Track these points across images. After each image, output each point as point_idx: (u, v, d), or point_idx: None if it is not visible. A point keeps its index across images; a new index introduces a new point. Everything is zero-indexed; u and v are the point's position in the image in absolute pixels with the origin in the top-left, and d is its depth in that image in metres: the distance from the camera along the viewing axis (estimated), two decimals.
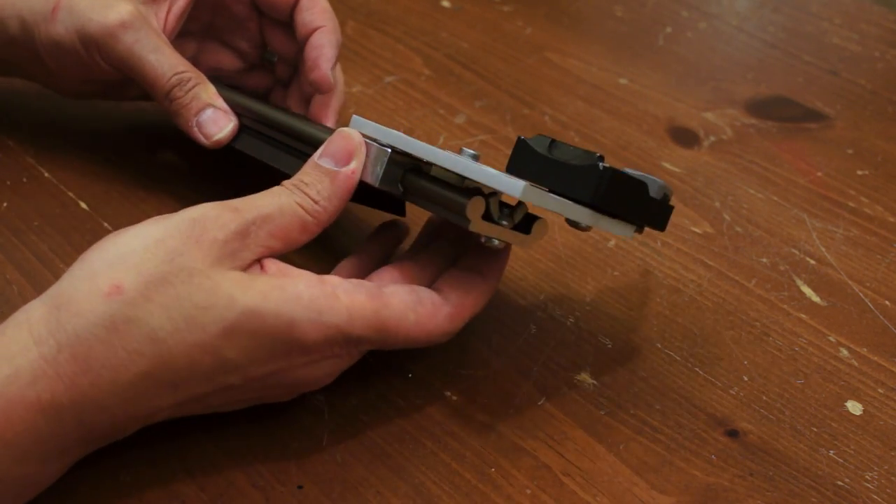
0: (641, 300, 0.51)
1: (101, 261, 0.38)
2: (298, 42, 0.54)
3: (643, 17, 0.81)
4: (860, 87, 0.73)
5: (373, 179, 0.43)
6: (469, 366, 0.47)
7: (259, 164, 0.51)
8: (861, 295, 0.53)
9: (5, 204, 0.54)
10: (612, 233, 0.44)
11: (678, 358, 0.48)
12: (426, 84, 0.69)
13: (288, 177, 0.46)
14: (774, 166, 0.63)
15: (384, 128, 0.44)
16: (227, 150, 0.52)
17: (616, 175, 0.41)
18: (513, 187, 0.39)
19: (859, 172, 0.63)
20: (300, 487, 0.40)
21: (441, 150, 0.42)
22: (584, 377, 0.46)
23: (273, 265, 0.40)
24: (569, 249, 0.54)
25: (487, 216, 0.41)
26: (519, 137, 0.43)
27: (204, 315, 0.37)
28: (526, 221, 0.43)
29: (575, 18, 0.80)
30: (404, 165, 0.43)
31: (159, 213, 0.54)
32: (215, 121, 0.51)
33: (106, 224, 0.53)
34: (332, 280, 0.40)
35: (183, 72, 0.51)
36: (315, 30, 0.53)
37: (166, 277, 0.37)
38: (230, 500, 0.40)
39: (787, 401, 0.46)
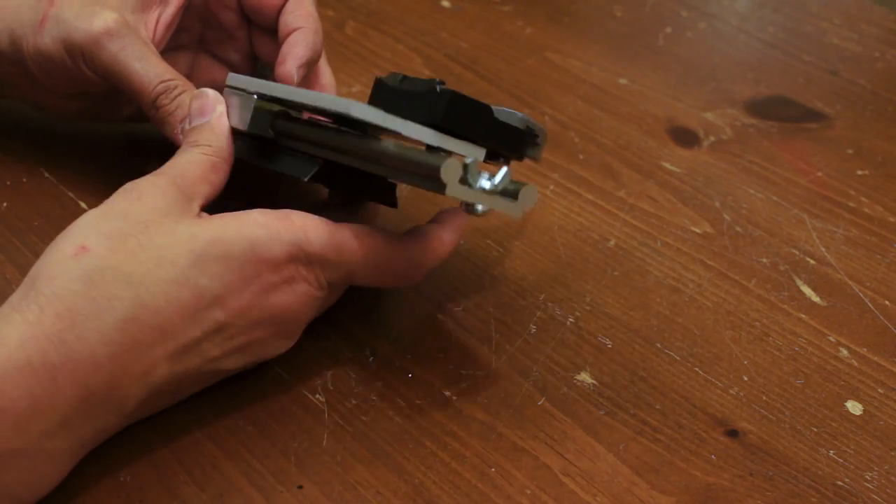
0: (641, 300, 0.51)
1: (61, 237, 0.40)
2: (279, 44, 0.53)
3: (643, 17, 0.81)
4: (860, 87, 0.73)
5: (242, 125, 0.47)
6: (469, 366, 0.47)
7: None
8: (861, 295, 0.53)
9: (5, 204, 0.54)
10: (465, 154, 0.43)
11: (678, 358, 0.48)
12: None
13: (281, 174, 0.47)
14: (774, 166, 0.63)
15: (255, 79, 0.48)
16: None
17: (455, 97, 0.43)
18: (341, 104, 0.42)
19: (859, 172, 0.63)
20: (300, 487, 0.40)
21: (292, 87, 0.46)
22: (584, 377, 0.46)
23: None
24: (569, 249, 0.54)
25: (464, 181, 0.41)
26: (376, 77, 0.46)
27: (170, 251, 0.39)
28: (512, 190, 0.43)
29: (575, 18, 0.80)
30: (273, 112, 0.47)
31: None
32: None
33: None
34: (286, 209, 0.42)
35: (169, 80, 0.50)
36: (293, 31, 0.53)
37: (125, 231, 0.39)
38: (230, 500, 0.40)
39: (787, 401, 0.46)
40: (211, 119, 0.46)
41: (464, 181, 0.41)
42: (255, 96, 0.46)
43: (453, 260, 0.53)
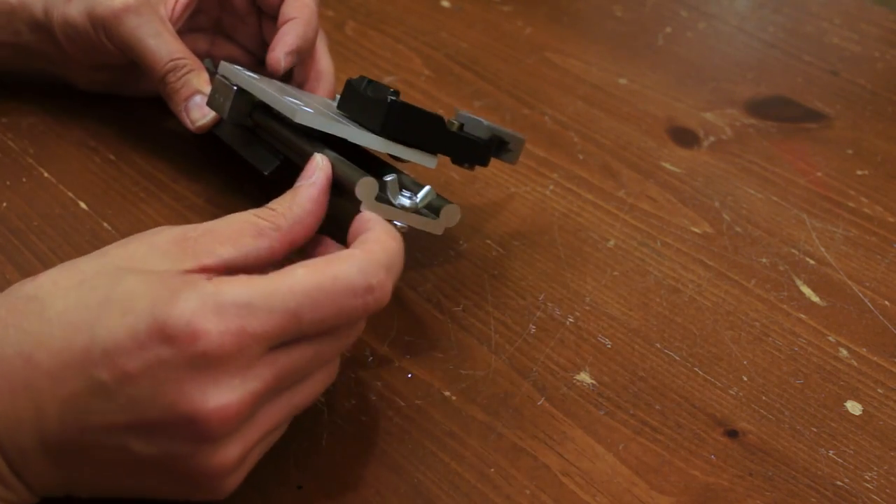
0: (641, 300, 0.51)
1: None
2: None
3: (643, 17, 0.81)
4: (860, 87, 0.73)
5: (223, 113, 0.49)
6: (469, 366, 0.47)
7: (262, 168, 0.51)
8: (861, 295, 0.53)
9: (5, 204, 0.54)
10: (415, 161, 0.47)
11: (678, 358, 0.48)
12: (426, 84, 0.69)
13: (258, 172, 0.50)
14: (774, 166, 0.63)
15: (242, 72, 0.50)
16: (214, 139, 0.55)
17: (394, 107, 0.45)
18: (288, 109, 0.44)
19: (859, 172, 0.63)
20: (300, 487, 0.40)
21: (261, 85, 0.48)
22: (584, 377, 0.46)
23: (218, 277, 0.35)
24: (569, 249, 0.54)
25: (382, 199, 0.43)
26: (348, 79, 0.47)
27: (92, 294, 0.35)
28: (436, 206, 0.46)
29: (575, 18, 0.80)
30: (254, 103, 0.50)
31: (158, 213, 0.54)
32: (200, 107, 0.54)
33: (106, 224, 0.53)
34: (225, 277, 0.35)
35: (179, 58, 0.54)
36: (288, 20, 0.56)
37: (80, 266, 0.36)
38: (230, 500, 0.40)
39: (787, 401, 0.46)
40: (300, 186, 0.41)
41: (382, 199, 0.43)
42: (236, 88, 0.49)
43: (453, 260, 0.53)
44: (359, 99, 0.46)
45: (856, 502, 0.41)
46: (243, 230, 0.37)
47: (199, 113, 0.54)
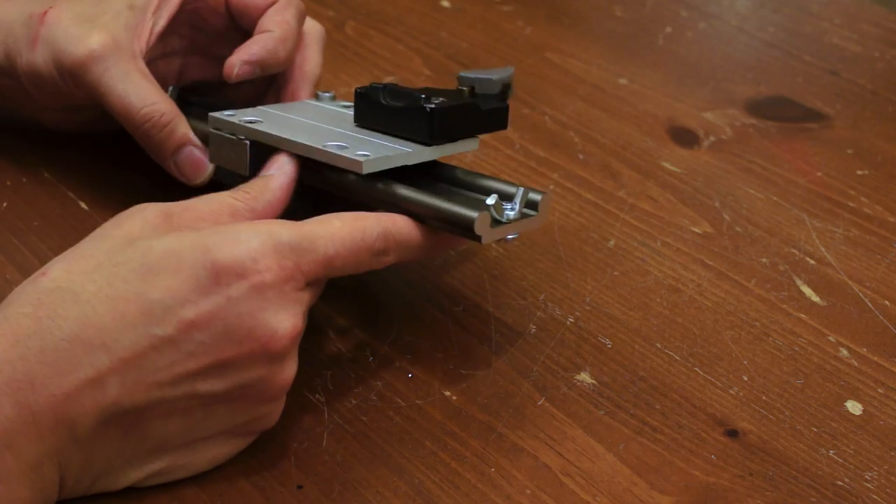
0: (641, 300, 0.51)
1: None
2: None
3: (643, 17, 0.81)
4: (860, 87, 0.73)
5: (243, 170, 0.46)
6: (469, 366, 0.47)
7: None
8: (861, 295, 0.53)
9: (5, 204, 0.54)
10: (460, 151, 0.46)
11: (678, 358, 0.48)
12: (426, 84, 0.69)
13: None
14: (774, 166, 0.63)
15: (244, 122, 0.46)
16: None
17: (444, 112, 0.44)
18: (355, 165, 0.42)
19: (859, 172, 0.63)
20: (300, 487, 0.40)
21: (290, 138, 0.44)
22: (584, 377, 0.46)
23: None
24: (569, 249, 0.54)
25: (497, 221, 0.42)
26: (356, 90, 0.46)
27: (124, 268, 0.37)
28: (533, 202, 0.44)
29: (575, 18, 0.80)
30: (269, 147, 0.45)
31: None
32: (194, 162, 0.51)
33: None
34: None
35: (154, 103, 0.50)
36: (261, 32, 0.52)
37: (85, 252, 0.38)
38: (230, 500, 0.40)
39: (787, 401, 0.46)
40: (272, 175, 0.43)
41: (496, 222, 0.42)
42: (248, 142, 0.45)
43: (454, 260, 0.53)
44: (383, 110, 0.44)
45: (856, 502, 0.41)
46: (221, 210, 0.41)
47: (194, 169, 0.51)
